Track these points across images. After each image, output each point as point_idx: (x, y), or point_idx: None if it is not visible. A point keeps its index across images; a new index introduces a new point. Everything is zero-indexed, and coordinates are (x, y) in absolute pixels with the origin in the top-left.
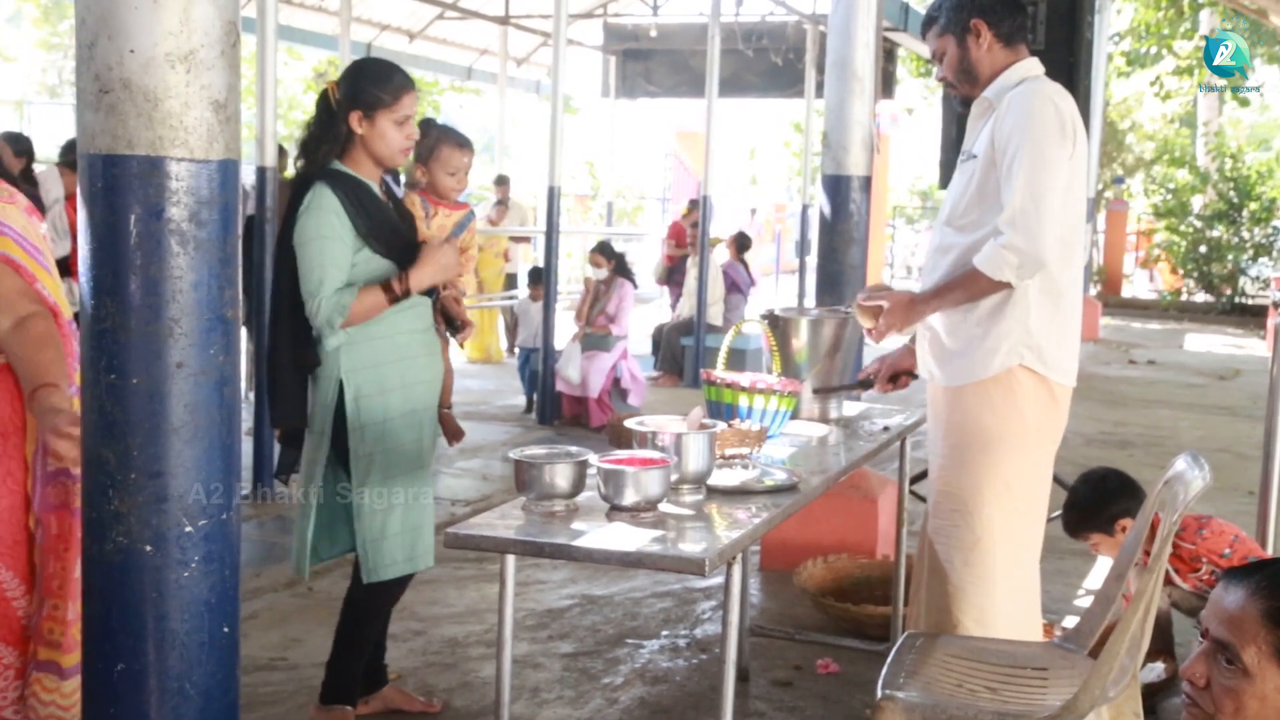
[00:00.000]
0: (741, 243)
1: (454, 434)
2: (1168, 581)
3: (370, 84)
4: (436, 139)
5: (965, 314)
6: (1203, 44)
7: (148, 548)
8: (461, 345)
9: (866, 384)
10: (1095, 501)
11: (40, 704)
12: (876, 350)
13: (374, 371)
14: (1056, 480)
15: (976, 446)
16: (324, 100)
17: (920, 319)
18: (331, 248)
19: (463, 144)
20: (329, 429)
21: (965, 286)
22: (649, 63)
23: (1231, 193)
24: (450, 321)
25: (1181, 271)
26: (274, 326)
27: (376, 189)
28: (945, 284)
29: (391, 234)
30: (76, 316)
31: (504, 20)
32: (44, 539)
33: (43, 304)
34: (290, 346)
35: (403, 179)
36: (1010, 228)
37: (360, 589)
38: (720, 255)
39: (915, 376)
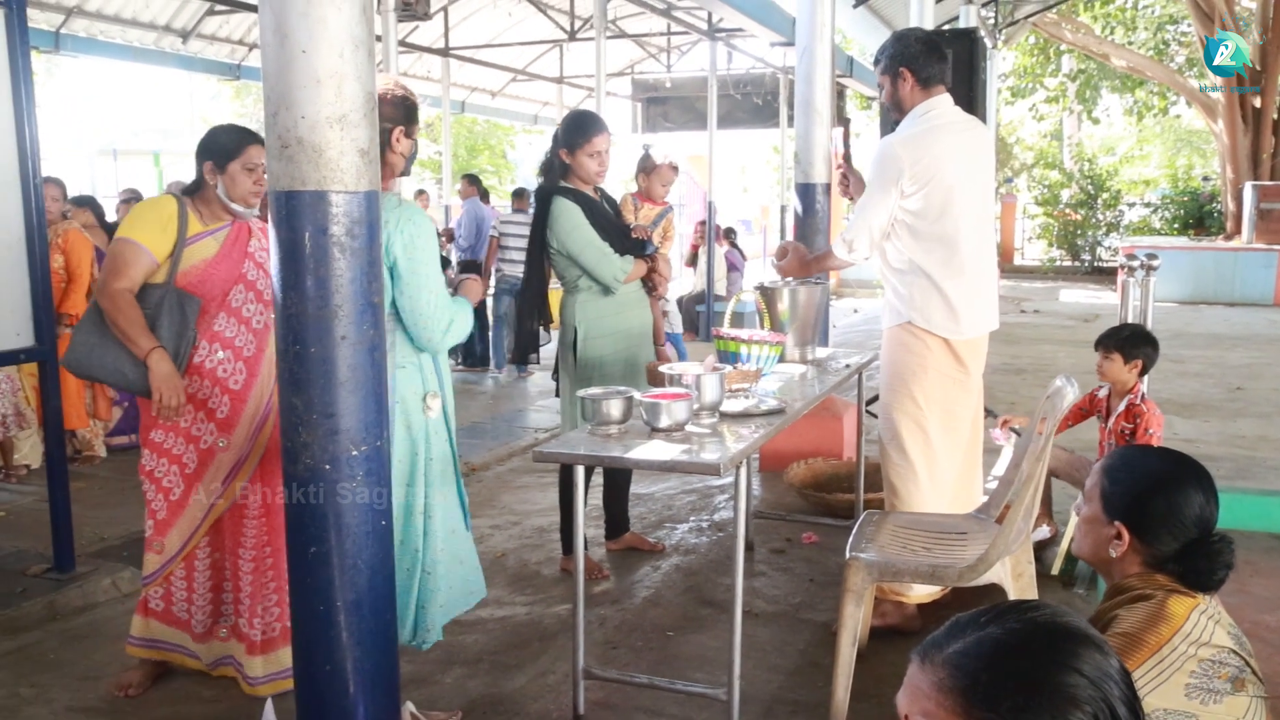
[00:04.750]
0: (729, 233)
1: (653, 366)
2: (1106, 420)
3: (571, 131)
4: (657, 161)
5: (889, 284)
6: (1064, 81)
7: (326, 466)
8: (659, 299)
9: None
10: (1133, 335)
11: None
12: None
13: (598, 320)
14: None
15: (893, 373)
16: (553, 140)
17: (806, 272)
18: (588, 232)
19: (675, 166)
20: (571, 360)
21: (827, 260)
22: (665, 106)
23: (1089, 187)
24: (649, 284)
25: (1055, 244)
26: (523, 295)
27: (591, 195)
28: (820, 256)
29: (608, 224)
30: None
31: (559, 80)
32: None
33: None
34: (535, 310)
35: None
36: (846, 229)
37: (563, 470)
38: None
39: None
